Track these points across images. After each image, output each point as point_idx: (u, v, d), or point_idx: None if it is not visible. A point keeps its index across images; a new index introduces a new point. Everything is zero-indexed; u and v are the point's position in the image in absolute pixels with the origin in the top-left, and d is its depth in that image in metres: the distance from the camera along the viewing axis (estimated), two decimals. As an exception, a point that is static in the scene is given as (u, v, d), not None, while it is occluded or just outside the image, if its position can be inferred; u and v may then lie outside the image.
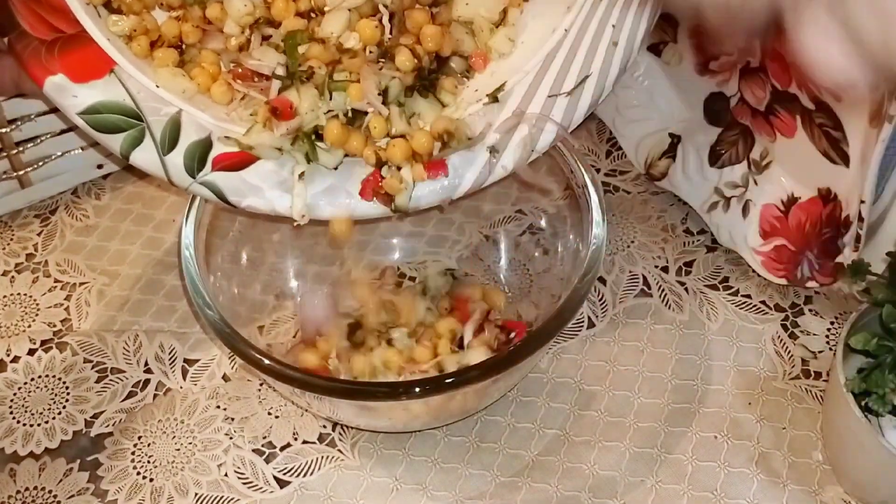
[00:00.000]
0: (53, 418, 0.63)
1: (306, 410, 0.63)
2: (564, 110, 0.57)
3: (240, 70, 0.57)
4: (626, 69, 0.57)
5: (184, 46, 0.58)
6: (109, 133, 0.55)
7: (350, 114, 0.56)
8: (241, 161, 0.56)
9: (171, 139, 0.55)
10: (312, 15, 0.57)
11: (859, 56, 0.34)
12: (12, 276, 0.71)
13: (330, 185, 0.57)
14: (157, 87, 0.56)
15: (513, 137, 0.57)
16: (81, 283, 0.71)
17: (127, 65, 0.55)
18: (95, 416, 0.63)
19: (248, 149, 0.55)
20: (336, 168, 0.56)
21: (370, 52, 0.56)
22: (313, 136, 0.56)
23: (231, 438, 0.62)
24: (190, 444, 0.62)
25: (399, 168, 0.56)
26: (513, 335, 0.62)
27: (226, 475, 0.60)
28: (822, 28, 0.35)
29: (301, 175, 0.56)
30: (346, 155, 0.56)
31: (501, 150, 0.57)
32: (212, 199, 0.57)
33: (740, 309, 0.68)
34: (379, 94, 0.55)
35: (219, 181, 0.56)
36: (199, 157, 0.56)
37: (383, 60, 0.57)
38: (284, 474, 0.60)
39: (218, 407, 0.63)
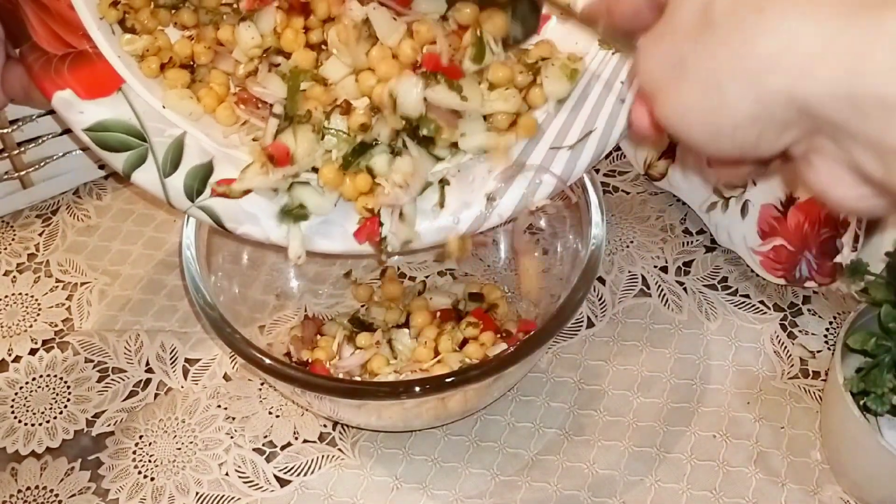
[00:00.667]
0: (55, 417, 0.63)
1: (307, 410, 0.63)
2: (565, 163, 0.56)
3: (245, 95, 0.57)
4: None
5: (195, 66, 0.59)
6: (113, 151, 0.55)
7: (348, 156, 0.56)
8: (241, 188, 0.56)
9: (172, 161, 0.56)
10: (323, 47, 0.57)
11: (870, 189, 0.36)
12: (14, 276, 0.72)
13: (325, 219, 0.57)
14: (164, 107, 0.56)
15: (511, 186, 0.57)
16: (83, 283, 0.71)
17: (136, 83, 0.56)
18: (97, 416, 0.63)
19: (239, 194, 0.55)
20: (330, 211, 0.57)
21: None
22: (309, 183, 0.56)
23: (232, 438, 0.62)
24: (191, 443, 0.62)
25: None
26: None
27: (227, 474, 0.60)
28: (832, 169, 0.37)
29: (295, 219, 0.56)
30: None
31: (499, 198, 0.57)
32: (208, 223, 0.57)
33: (739, 309, 0.68)
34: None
35: (216, 207, 0.56)
36: (199, 181, 0.56)
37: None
38: (285, 473, 0.60)
39: (219, 406, 0.64)
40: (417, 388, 0.54)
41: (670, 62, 0.38)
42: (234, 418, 0.63)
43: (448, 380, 0.54)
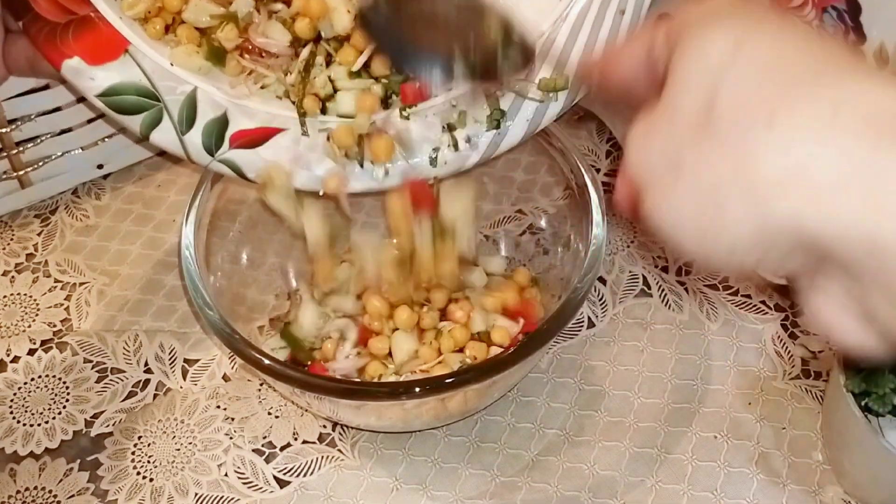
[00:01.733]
0: (53, 418, 0.63)
1: (306, 410, 0.63)
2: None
3: (247, 45, 0.57)
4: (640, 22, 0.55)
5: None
6: (128, 114, 0.56)
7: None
8: (257, 138, 0.57)
9: (188, 118, 0.56)
10: None
11: (874, 331, 0.33)
12: (12, 276, 0.71)
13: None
14: (172, 65, 0.56)
15: (520, 109, 0.57)
16: (81, 283, 0.71)
17: (141, 44, 0.56)
18: (95, 416, 0.63)
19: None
20: None
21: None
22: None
23: (231, 438, 0.62)
24: (190, 444, 0.62)
25: None
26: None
27: (226, 475, 0.60)
28: (837, 300, 0.33)
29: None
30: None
31: (509, 120, 0.57)
32: (232, 175, 0.58)
33: (740, 309, 0.68)
34: None
35: (237, 158, 0.57)
36: (216, 135, 0.57)
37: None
38: (284, 474, 0.60)
39: (218, 407, 0.63)
40: (417, 389, 0.54)
41: (665, 158, 0.35)
42: (233, 419, 0.63)
43: (448, 380, 0.54)
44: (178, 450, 0.61)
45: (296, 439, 0.62)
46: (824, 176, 0.30)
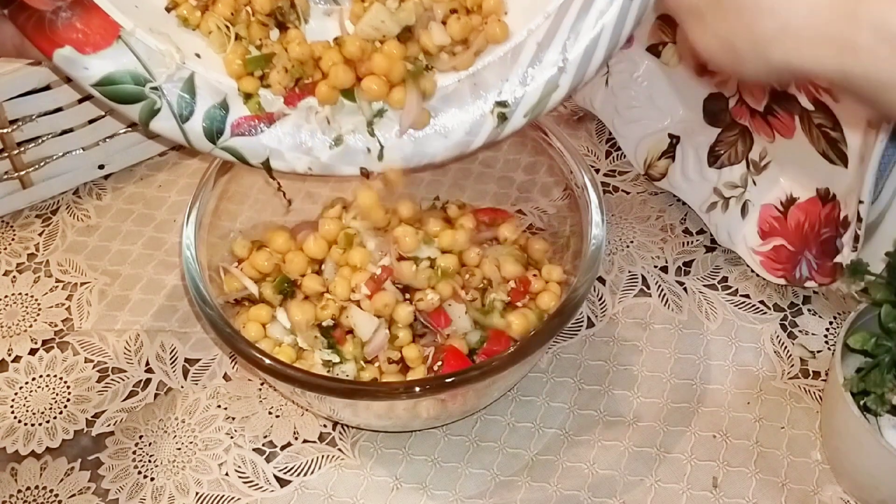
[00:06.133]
0: (55, 417, 0.63)
1: (307, 410, 0.63)
2: (581, 57, 0.54)
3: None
4: (641, 22, 0.54)
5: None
6: (126, 104, 0.54)
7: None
8: (258, 124, 0.56)
9: (187, 106, 0.55)
10: None
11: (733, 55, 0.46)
12: (14, 276, 0.72)
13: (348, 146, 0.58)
14: (168, 46, 0.55)
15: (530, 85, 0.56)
16: (83, 283, 0.71)
17: (131, 25, 0.54)
18: (96, 416, 0.63)
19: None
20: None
21: None
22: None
23: (232, 438, 0.62)
24: (191, 443, 0.62)
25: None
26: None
27: (226, 474, 0.60)
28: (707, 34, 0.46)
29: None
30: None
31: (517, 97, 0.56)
32: (234, 161, 0.57)
33: (739, 309, 0.68)
34: None
35: (238, 145, 0.56)
36: (217, 121, 0.56)
37: None
38: (285, 473, 0.60)
39: (219, 406, 0.64)
40: (417, 389, 0.54)
41: (694, 7, 0.46)
42: (233, 418, 0.63)
43: (448, 380, 0.54)
44: (179, 449, 0.61)
45: (296, 439, 0.62)
46: (803, 31, 0.41)
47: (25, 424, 0.63)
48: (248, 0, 0.57)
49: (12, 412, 0.63)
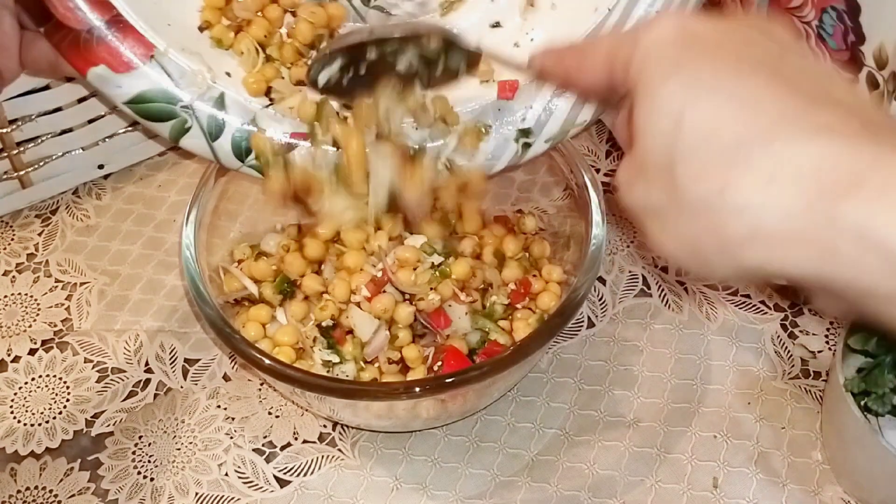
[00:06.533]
0: (54, 418, 0.63)
1: (306, 410, 0.63)
2: None
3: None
4: None
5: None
6: (157, 121, 0.55)
7: None
8: (285, 147, 0.57)
9: (217, 125, 0.56)
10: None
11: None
12: (13, 276, 0.72)
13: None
14: (199, 67, 0.55)
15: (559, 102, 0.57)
16: (82, 283, 0.71)
17: (164, 45, 0.54)
18: (96, 416, 0.63)
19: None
20: None
21: None
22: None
23: (231, 438, 0.62)
24: (190, 443, 0.62)
25: None
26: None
27: (226, 475, 0.60)
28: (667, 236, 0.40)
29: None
30: None
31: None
32: (260, 178, 0.57)
33: (740, 309, 0.68)
34: None
35: None
36: (245, 142, 0.56)
37: None
38: (285, 474, 0.60)
39: (218, 406, 0.63)
40: (417, 389, 0.54)
41: (650, 205, 0.40)
42: (233, 418, 0.63)
43: (448, 380, 0.54)
44: (179, 449, 0.61)
45: (296, 439, 0.62)
46: (777, 233, 0.35)
47: (25, 425, 0.63)
48: (282, 23, 0.58)
49: (12, 412, 0.63)
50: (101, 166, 0.76)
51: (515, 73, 0.56)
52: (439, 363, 0.59)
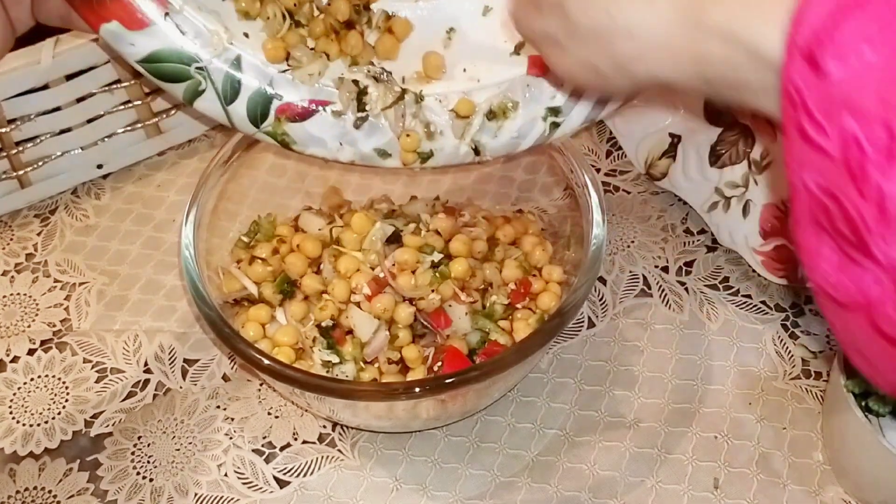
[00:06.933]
0: (53, 418, 0.63)
1: (306, 410, 0.63)
2: None
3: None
4: None
5: None
6: (171, 82, 0.54)
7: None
8: (302, 113, 0.56)
9: (232, 88, 0.55)
10: None
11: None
12: (12, 276, 0.71)
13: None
14: (213, 27, 0.54)
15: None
16: (81, 283, 0.71)
17: (179, 2, 0.53)
18: (95, 416, 0.63)
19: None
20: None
21: None
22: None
23: (231, 438, 0.62)
24: (190, 444, 0.62)
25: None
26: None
27: (226, 475, 0.60)
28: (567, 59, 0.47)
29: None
30: None
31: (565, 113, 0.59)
32: (276, 146, 0.57)
33: (740, 309, 0.67)
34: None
35: (281, 131, 0.56)
36: (261, 106, 0.55)
37: None
38: (284, 474, 0.60)
39: (218, 407, 0.63)
40: (417, 389, 0.54)
41: (547, 35, 0.46)
42: (233, 419, 0.63)
43: (448, 380, 0.54)
44: (178, 450, 0.61)
45: (296, 439, 0.62)
46: (658, 45, 0.41)
47: (24, 425, 0.63)
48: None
49: (10, 413, 0.63)
50: (100, 166, 0.76)
51: (506, 65, 0.56)
52: (439, 363, 0.59)
